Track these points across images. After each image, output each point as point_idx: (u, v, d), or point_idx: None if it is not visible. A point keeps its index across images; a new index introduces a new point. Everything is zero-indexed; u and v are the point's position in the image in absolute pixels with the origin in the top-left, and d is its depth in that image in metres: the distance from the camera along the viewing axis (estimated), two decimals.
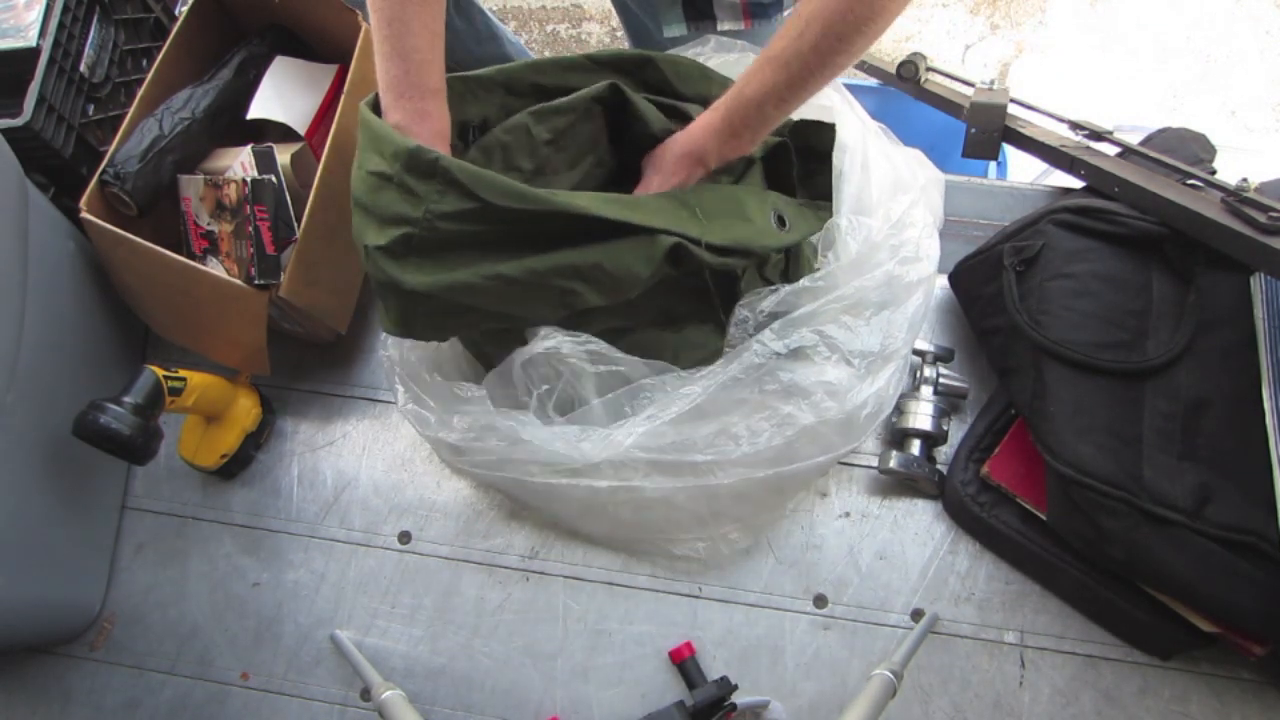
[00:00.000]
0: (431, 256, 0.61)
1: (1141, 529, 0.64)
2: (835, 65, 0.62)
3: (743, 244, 0.69)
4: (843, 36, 0.59)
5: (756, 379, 0.70)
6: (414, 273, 0.61)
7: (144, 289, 0.84)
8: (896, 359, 0.73)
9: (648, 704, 0.76)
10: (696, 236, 0.66)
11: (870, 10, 0.58)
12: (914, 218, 0.75)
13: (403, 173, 0.60)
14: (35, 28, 0.84)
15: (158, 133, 0.81)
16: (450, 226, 0.60)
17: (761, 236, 0.70)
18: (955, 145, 0.94)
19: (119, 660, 0.82)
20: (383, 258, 0.61)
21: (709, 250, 0.67)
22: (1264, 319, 0.68)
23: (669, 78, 0.78)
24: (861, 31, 0.59)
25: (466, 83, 0.71)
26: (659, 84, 0.78)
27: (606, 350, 0.70)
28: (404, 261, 0.61)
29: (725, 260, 0.69)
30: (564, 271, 0.64)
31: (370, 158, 0.62)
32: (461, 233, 0.60)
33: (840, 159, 0.76)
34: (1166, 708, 0.73)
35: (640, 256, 0.65)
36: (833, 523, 0.81)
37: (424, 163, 0.59)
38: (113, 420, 0.68)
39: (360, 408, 0.90)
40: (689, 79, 0.79)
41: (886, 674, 0.69)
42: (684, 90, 0.78)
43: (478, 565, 0.82)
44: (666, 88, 0.78)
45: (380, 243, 0.61)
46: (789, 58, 0.62)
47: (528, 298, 0.65)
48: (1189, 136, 0.86)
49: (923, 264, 0.74)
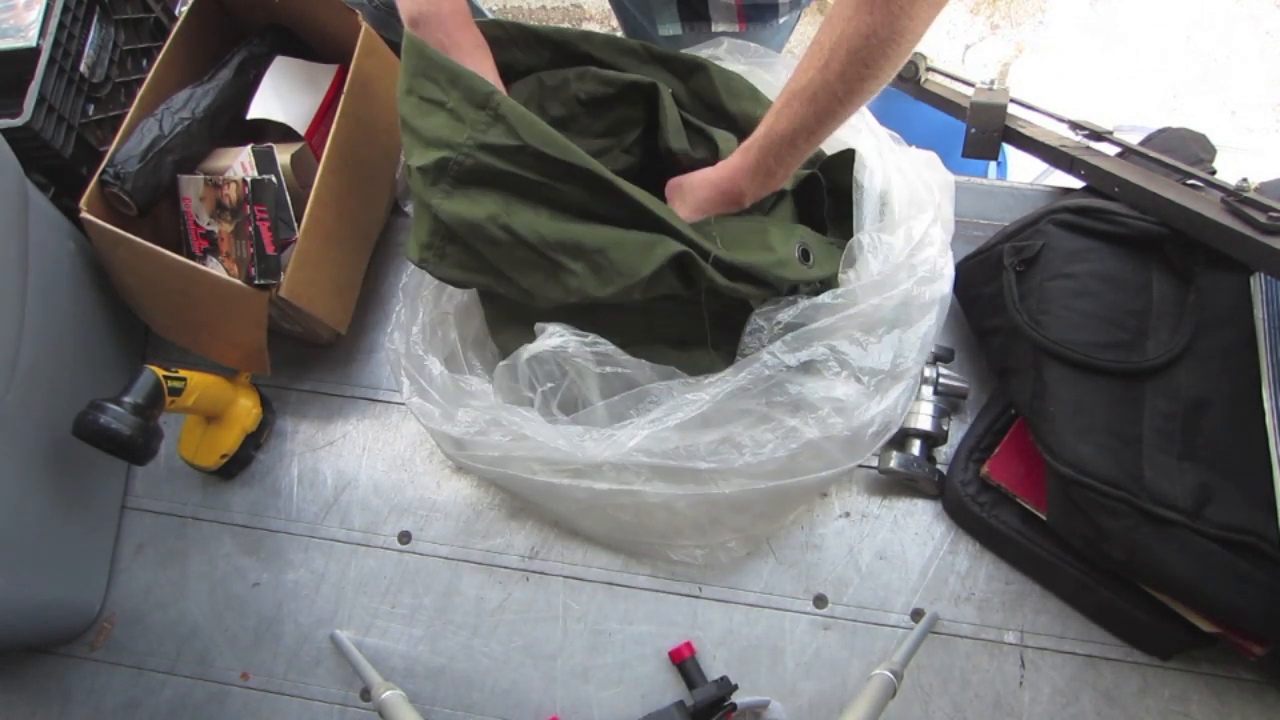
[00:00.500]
0: (461, 187, 0.64)
1: (1141, 529, 0.64)
2: (863, 93, 0.60)
3: (757, 270, 0.68)
4: (868, 62, 0.57)
5: (764, 390, 0.70)
6: (442, 199, 0.64)
7: (144, 289, 0.84)
8: (906, 378, 0.72)
9: (648, 704, 0.76)
10: (707, 250, 0.66)
11: (892, 31, 0.56)
12: (933, 236, 0.75)
13: (459, 99, 0.63)
14: (35, 28, 0.84)
15: (158, 133, 0.81)
16: (486, 159, 0.62)
17: (780, 267, 0.70)
18: (955, 145, 0.94)
19: (119, 660, 0.82)
20: (421, 178, 0.64)
21: (719, 269, 0.67)
22: (1264, 319, 0.68)
23: (718, 89, 0.78)
24: (886, 55, 0.57)
25: (514, 30, 0.74)
26: (708, 93, 0.78)
27: (613, 352, 0.70)
28: (436, 187, 0.64)
29: (736, 286, 0.68)
30: (568, 247, 0.65)
31: (422, 84, 0.65)
32: (493, 170, 0.63)
33: (860, 174, 0.76)
34: (1166, 708, 0.73)
35: (646, 253, 0.65)
36: (833, 523, 0.81)
37: (479, 94, 0.63)
38: (113, 420, 0.68)
39: (360, 408, 0.90)
40: (738, 96, 0.78)
41: (886, 674, 0.69)
42: (730, 106, 0.78)
43: (478, 565, 0.82)
44: (714, 100, 0.78)
45: (422, 163, 0.64)
46: (816, 90, 0.60)
47: (526, 263, 0.66)
48: (1189, 136, 0.86)
49: (938, 284, 0.74)
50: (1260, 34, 2.00)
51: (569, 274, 0.66)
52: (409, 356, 0.78)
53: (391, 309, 0.84)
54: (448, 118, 0.64)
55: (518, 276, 0.68)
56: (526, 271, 0.67)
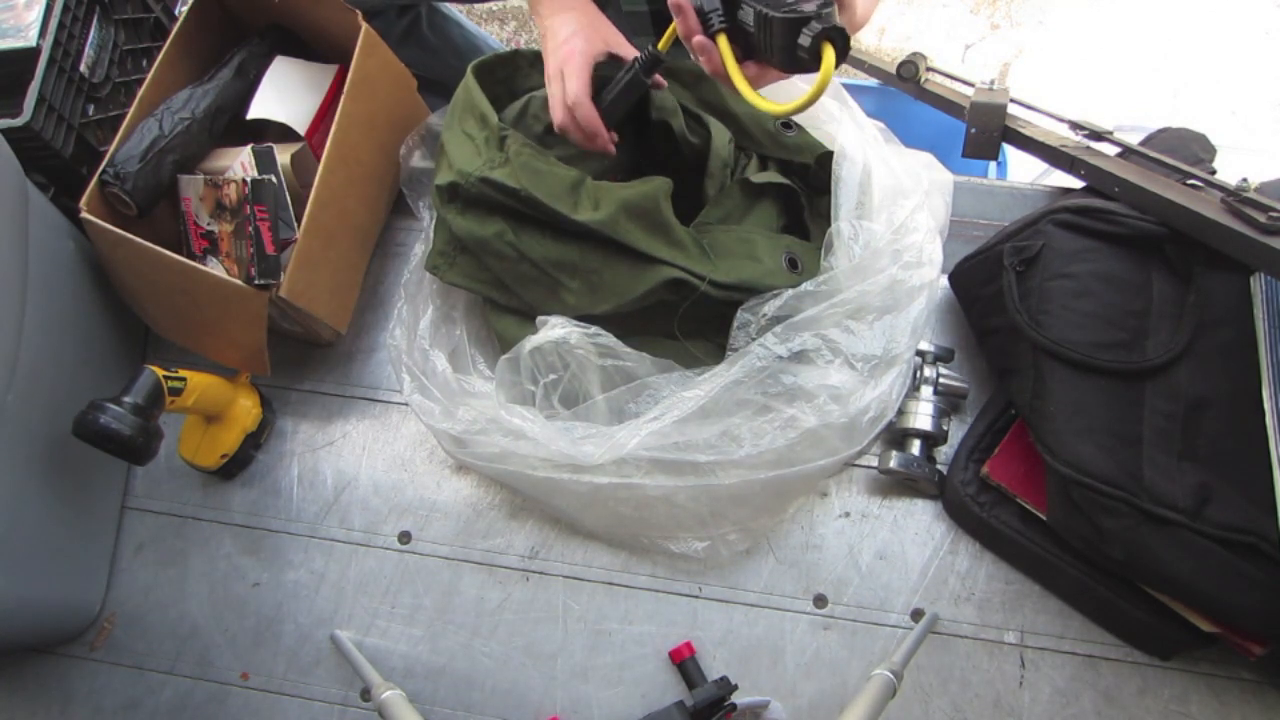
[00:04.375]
0: (471, 208, 0.74)
1: (1141, 529, 0.64)
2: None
3: (748, 283, 0.71)
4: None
5: (759, 381, 0.70)
6: (455, 215, 0.74)
7: (144, 289, 0.84)
8: (899, 363, 0.73)
9: (648, 704, 0.76)
10: (702, 273, 0.70)
11: None
12: (917, 222, 0.75)
13: (484, 138, 0.74)
14: (35, 28, 0.84)
15: (158, 133, 0.81)
16: (488, 191, 0.71)
17: (770, 277, 0.72)
18: (955, 145, 0.94)
19: (119, 660, 0.82)
20: (438, 195, 0.76)
21: (713, 286, 0.71)
22: (1264, 319, 0.68)
23: (723, 93, 0.82)
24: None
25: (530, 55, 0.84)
26: (713, 98, 0.82)
27: (615, 344, 0.71)
28: (450, 205, 0.75)
29: (730, 294, 0.71)
30: (563, 265, 0.72)
31: (465, 118, 0.77)
32: (494, 199, 0.72)
33: (840, 166, 0.77)
34: (1166, 708, 0.73)
35: (638, 277, 0.71)
36: (833, 523, 0.81)
37: (498, 136, 0.73)
38: (113, 420, 0.68)
39: (360, 408, 0.90)
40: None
41: (886, 674, 0.69)
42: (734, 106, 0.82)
43: (478, 565, 0.82)
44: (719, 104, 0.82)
45: (440, 182, 0.75)
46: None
47: (529, 278, 0.74)
48: (1189, 136, 0.86)
49: (926, 269, 0.74)
50: (1260, 34, 1.99)
51: (567, 291, 0.73)
52: (410, 353, 0.79)
53: (391, 308, 0.84)
54: (474, 151, 0.73)
55: (520, 289, 0.75)
56: (528, 286, 0.74)
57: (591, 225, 0.69)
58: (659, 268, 0.70)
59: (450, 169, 0.74)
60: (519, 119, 0.80)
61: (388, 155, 0.91)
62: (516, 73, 0.85)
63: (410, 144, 0.90)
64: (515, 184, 0.70)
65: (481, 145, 0.73)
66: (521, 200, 0.70)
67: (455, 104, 0.79)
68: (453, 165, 0.74)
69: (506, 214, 0.72)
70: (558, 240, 0.72)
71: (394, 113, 0.90)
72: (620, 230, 0.69)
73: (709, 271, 0.70)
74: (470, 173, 0.71)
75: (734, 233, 0.74)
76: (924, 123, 1.16)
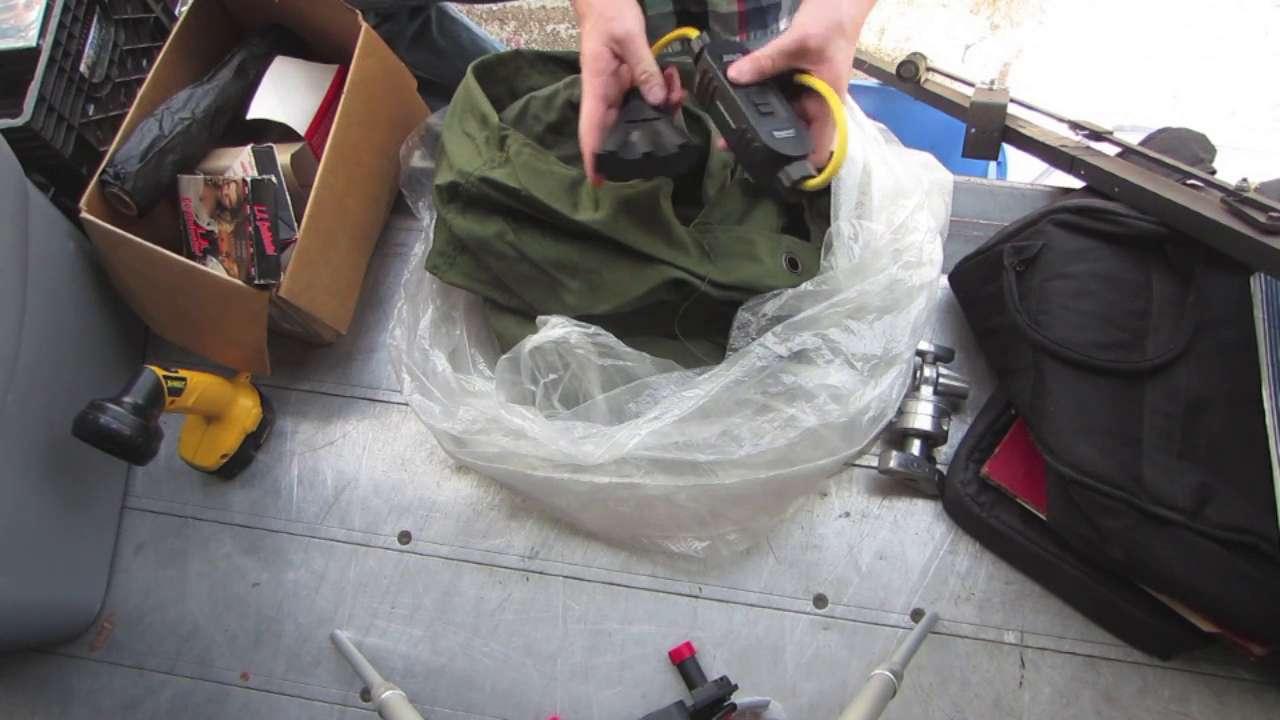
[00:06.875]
0: (471, 208, 0.74)
1: (1141, 529, 0.64)
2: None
3: (748, 284, 0.72)
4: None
5: (759, 381, 0.70)
6: (455, 215, 0.74)
7: (144, 289, 0.84)
8: (899, 363, 0.73)
9: (648, 704, 0.76)
10: (702, 273, 0.70)
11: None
12: (917, 222, 0.75)
13: (485, 138, 0.74)
14: (35, 28, 0.84)
15: (158, 133, 0.81)
16: (489, 191, 0.71)
17: (770, 277, 0.72)
18: (955, 145, 0.94)
19: (119, 660, 0.82)
20: (438, 195, 0.76)
21: (713, 286, 0.71)
22: (1264, 319, 0.68)
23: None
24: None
25: (531, 56, 0.85)
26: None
27: (615, 344, 0.72)
28: (450, 205, 0.75)
29: (730, 294, 0.72)
30: (563, 265, 0.72)
31: (465, 119, 0.77)
32: (494, 199, 0.72)
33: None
34: (1166, 708, 0.73)
35: (638, 277, 0.71)
36: (833, 523, 0.81)
37: (498, 136, 0.73)
38: (113, 420, 0.68)
39: (360, 408, 0.90)
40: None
41: (886, 674, 0.69)
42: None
43: (478, 565, 0.82)
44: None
45: (440, 183, 0.75)
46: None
47: (529, 278, 0.74)
48: (1189, 136, 0.86)
49: (925, 269, 0.74)
50: (1260, 34, 2.00)
51: (567, 291, 0.73)
52: (410, 353, 0.79)
53: (391, 309, 0.84)
54: (474, 151, 0.74)
55: (520, 289, 0.75)
56: (528, 286, 0.74)
57: (592, 225, 0.69)
58: (659, 268, 0.70)
59: (450, 169, 0.74)
60: (519, 119, 0.80)
61: (388, 155, 0.91)
62: (517, 73, 0.85)
63: (410, 144, 0.90)
64: (515, 184, 0.70)
65: (482, 145, 0.74)
66: (522, 200, 0.71)
67: (455, 104, 0.79)
68: (453, 165, 0.74)
69: (507, 214, 0.73)
70: (558, 240, 0.72)
71: (394, 113, 0.90)
72: (620, 230, 0.69)
73: (709, 271, 0.71)
74: (470, 172, 0.72)
75: (734, 233, 0.74)
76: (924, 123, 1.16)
